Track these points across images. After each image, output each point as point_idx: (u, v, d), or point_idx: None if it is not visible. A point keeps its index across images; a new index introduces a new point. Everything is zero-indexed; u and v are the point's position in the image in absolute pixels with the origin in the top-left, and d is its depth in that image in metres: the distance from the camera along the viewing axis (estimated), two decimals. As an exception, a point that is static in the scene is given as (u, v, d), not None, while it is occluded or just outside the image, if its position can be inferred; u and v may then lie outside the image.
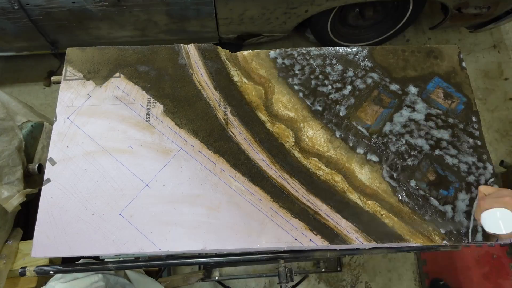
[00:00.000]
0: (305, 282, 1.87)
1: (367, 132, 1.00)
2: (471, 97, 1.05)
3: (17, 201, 1.14)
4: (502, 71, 2.40)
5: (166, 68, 1.05)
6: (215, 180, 0.93)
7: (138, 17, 1.76)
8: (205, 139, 0.97)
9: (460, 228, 0.89)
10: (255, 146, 0.97)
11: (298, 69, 1.07)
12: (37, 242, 0.87)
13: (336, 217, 0.90)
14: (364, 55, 1.09)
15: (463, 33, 2.51)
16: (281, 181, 0.93)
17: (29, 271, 0.94)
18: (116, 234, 0.87)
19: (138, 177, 0.93)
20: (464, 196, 0.93)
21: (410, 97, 1.04)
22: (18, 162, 1.20)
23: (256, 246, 0.87)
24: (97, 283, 1.01)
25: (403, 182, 0.94)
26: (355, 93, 1.04)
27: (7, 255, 1.17)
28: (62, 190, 0.91)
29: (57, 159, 0.94)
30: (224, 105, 1.02)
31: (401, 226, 0.89)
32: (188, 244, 0.87)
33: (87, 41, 1.93)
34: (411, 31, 2.50)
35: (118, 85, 1.03)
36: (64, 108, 1.00)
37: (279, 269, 1.04)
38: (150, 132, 0.98)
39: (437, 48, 1.11)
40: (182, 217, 0.89)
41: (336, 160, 0.96)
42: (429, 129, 1.00)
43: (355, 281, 1.91)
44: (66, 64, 1.06)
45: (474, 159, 0.97)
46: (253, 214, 0.90)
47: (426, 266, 1.92)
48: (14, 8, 1.63)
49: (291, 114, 1.01)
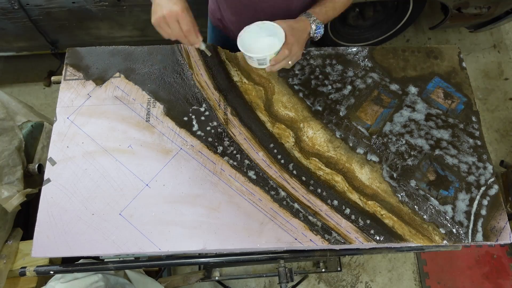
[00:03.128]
0: (305, 282, 1.87)
1: (367, 132, 1.00)
2: (471, 97, 1.05)
3: (17, 201, 1.14)
4: (502, 71, 2.40)
5: (166, 68, 1.05)
6: (215, 180, 0.93)
7: (138, 17, 1.76)
8: (205, 139, 0.97)
9: (460, 228, 0.89)
10: (255, 146, 0.97)
11: (298, 69, 1.07)
12: (37, 242, 0.87)
13: (336, 217, 0.90)
14: (364, 55, 1.09)
15: (463, 33, 2.51)
16: (281, 181, 0.93)
17: (29, 271, 0.94)
18: (116, 234, 0.87)
19: (138, 177, 0.93)
20: (464, 196, 0.93)
21: (410, 97, 1.04)
22: (18, 162, 1.20)
23: (256, 246, 0.87)
24: (97, 283, 1.01)
25: (403, 182, 0.94)
26: (355, 93, 1.04)
27: (7, 255, 1.17)
28: (62, 190, 0.91)
29: (57, 159, 0.94)
30: (224, 105, 1.02)
31: (401, 226, 0.89)
32: (188, 244, 0.87)
33: (87, 41, 1.93)
34: (411, 31, 2.50)
35: (118, 85, 1.03)
36: (64, 108, 1.00)
37: (279, 269, 1.05)
38: (150, 132, 0.98)
39: (437, 48, 1.11)
40: (182, 217, 0.89)
41: (336, 160, 0.96)
42: (429, 129, 1.00)
43: (355, 281, 1.91)
44: (66, 64, 1.06)
45: (474, 159, 0.97)
46: (253, 214, 0.90)
47: (426, 266, 1.92)
48: (14, 8, 1.63)
49: (291, 114, 1.01)
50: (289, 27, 0.85)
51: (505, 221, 0.91)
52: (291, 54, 0.85)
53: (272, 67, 0.87)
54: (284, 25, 0.85)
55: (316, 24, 0.89)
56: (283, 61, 0.86)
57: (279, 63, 0.86)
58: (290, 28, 0.85)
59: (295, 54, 0.87)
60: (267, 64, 0.88)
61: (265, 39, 0.89)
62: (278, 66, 0.87)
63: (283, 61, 0.86)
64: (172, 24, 0.78)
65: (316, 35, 0.91)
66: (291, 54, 0.85)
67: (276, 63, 0.86)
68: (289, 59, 0.86)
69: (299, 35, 0.86)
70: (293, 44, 0.84)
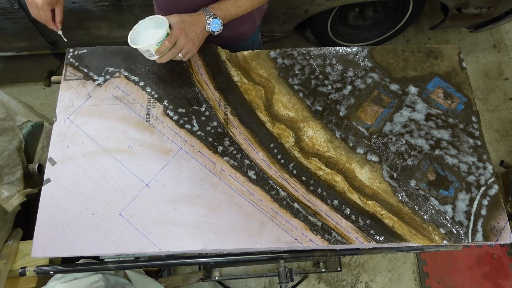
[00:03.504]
0: (305, 282, 1.87)
1: (367, 132, 1.00)
2: (471, 97, 1.05)
3: (17, 201, 1.14)
4: (502, 71, 2.40)
5: (167, 68, 1.05)
6: (215, 180, 0.93)
7: (138, 17, 1.74)
8: (205, 139, 0.97)
9: (460, 228, 0.89)
10: (255, 146, 0.97)
11: (298, 69, 1.07)
12: (37, 242, 0.87)
13: (336, 217, 0.90)
14: (364, 55, 1.09)
15: (463, 33, 2.51)
16: (281, 181, 0.93)
17: (29, 271, 0.94)
18: (116, 234, 0.87)
19: (138, 177, 0.93)
20: (464, 196, 0.93)
21: (410, 97, 1.04)
22: (18, 162, 1.20)
23: (256, 246, 0.87)
24: (97, 283, 1.01)
25: (403, 182, 0.94)
26: (355, 93, 1.04)
27: (7, 255, 1.17)
28: (62, 190, 0.91)
29: (57, 159, 0.94)
30: (224, 105, 1.02)
31: (401, 226, 0.89)
32: (188, 244, 0.87)
33: (87, 41, 1.93)
34: (411, 31, 2.50)
35: (118, 85, 1.03)
36: (64, 108, 1.00)
37: (279, 269, 1.04)
38: (150, 132, 0.98)
39: (437, 48, 1.11)
40: (182, 217, 0.89)
41: (336, 160, 0.96)
42: (429, 129, 1.00)
43: (355, 281, 1.91)
44: (66, 64, 1.06)
45: (474, 159, 0.97)
46: (253, 214, 0.90)
47: (426, 266, 1.92)
48: (14, 8, 1.63)
49: (291, 114, 1.01)
50: (180, 20, 0.88)
51: (505, 221, 0.91)
52: (176, 46, 0.88)
53: (160, 58, 0.90)
54: (176, 18, 0.88)
55: (212, 19, 0.91)
56: (169, 53, 0.88)
57: (166, 55, 0.89)
58: (181, 21, 0.88)
59: (183, 46, 0.89)
60: (154, 56, 0.90)
61: (153, 31, 0.92)
62: (165, 57, 0.90)
63: (169, 52, 0.88)
64: (33, 10, 0.91)
65: (212, 30, 0.93)
66: (176, 46, 0.87)
67: (160, 55, 0.89)
68: (175, 51, 0.89)
69: (190, 28, 0.88)
70: (180, 36, 0.87)
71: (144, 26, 0.93)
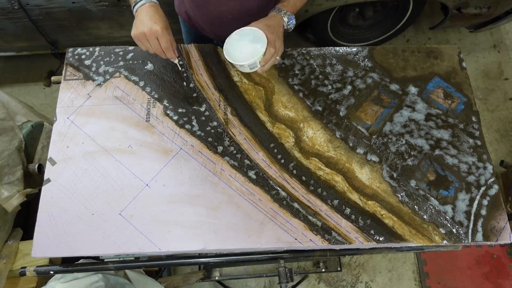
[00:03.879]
0: (305, 282, 1.87)
1: (367, 132, 1.00)
2: (471, 97, 1.05)
3: (17, 201, 1.14)
4: (502, 71, 2.40)
5: (166, 68, 1.05)
6: (215, 180, 0.93)
7: (138, 17, 1.75)
8: (205, 139, 0.97)
9: (460, 228, 0.89)
10: (255, 146, 0.97)
11: (298, 69, 1.07)
12: (37, 242, 0.87)
13: (336, 217, 0.90)
14: (364, 55, 1.09)
15: (463, 33, 2.51)
16: (281, 181, 0.93)
17: (29, 271, 0.94)
18: (116, 234, 0.87)
19: (138, 177, 0.93)
20: (464, 196, 0.93)
21: (410, 97, 1.04)
22: (18, 162, 1.20)
23: (256, 246, 0.87)
24: (97, 283, 1.01)
25: (403, 182, 0.94)
26: (355, 93, 1.04)
27: (7, 255, 1.17)
28: (62, 190, 0.91)
29: (57, 159, 0.94)
30: (224, 105, 1.02)
31: (401, 226, 0.89)
32: (188, 244, 0.87)
33: (87, 41, 1.93)
34: (411, 31, 2.50)
35: (118, 85, 1.03)
36: (64, 108, 1.00)
37: (279, 269, 1.05)
38: (150, 132, 0.98)
39: (437, 48, 1.11)
40: (182, 217, 0.89)
41: (336, 160, 0.96)
42: (429, 129, 1.00)
43: (355, 281, 1.91)
44: (66, 64, 1.06)
45: (474, 159, 0.97)
46: (253, 214, 0.90)
47: (426, 266, 1.92)
48: (14, 8, 1.63)
49: (291, 114, 1.01)
50: (265, 26, 0.89)
51: (505, 221, 0.91)
52: (276, 50, 0.90)
53: (263, 67, 0.92)
54: (260, 25, 0.89)
55: (287, 17, 0.93)
56: (272, 59, 0.90)
57: (269, 62, 0.91)
58: (267, 26, 0.89)
59: (279, 48, 0.91)
60: (258, 66, 0.92)
61: (248, 44, 0.91)
62: (268, 65, 0.92)
63: (272, 58, 0.90)
64: (152, 41, 0.86)
65: (290, 26, 0.95)
66: (276, 50, 0.89)
67: (266, 63, 0.91)
68: (276, 55, 0.91)
69: (277, 30, 0.91)
70: (275, 40, 0.89)
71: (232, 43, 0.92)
